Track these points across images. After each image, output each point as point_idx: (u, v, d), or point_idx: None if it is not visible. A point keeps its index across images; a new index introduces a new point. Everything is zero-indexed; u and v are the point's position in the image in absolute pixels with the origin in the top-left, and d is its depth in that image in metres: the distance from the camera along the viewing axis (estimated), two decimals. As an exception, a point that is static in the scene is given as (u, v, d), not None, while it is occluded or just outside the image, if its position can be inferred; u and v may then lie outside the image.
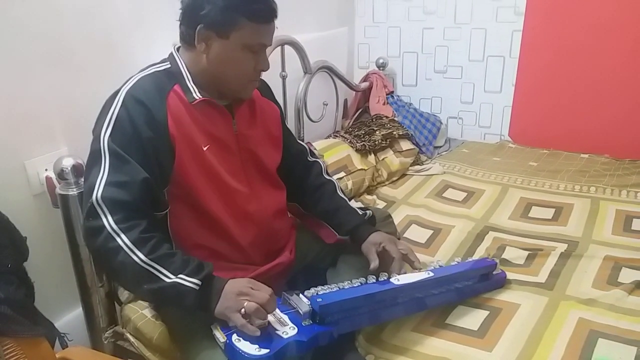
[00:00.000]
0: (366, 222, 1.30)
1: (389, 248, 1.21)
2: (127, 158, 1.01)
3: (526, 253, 1.54)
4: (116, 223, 0.97)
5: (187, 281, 0.96)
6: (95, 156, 1.03)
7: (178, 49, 1.16)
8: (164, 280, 0.96)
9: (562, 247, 1.57)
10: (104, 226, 0.97)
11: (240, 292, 0.98)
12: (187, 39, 1.10)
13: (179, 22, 1.11)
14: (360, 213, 1.32)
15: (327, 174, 1.41)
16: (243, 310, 0.95)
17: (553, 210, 1.84)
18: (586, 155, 2.31)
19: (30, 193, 1.30)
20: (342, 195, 1.36)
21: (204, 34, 1.06)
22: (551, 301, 1.31)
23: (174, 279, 0.96)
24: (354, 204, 1.38)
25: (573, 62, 2.32)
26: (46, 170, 1.28)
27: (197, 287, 0.96)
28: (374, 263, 1.19)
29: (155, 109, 1.05)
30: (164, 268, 0.97)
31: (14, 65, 1.22)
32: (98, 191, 0.99)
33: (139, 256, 0.96)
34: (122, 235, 0.97)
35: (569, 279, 1.40)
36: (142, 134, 1.03)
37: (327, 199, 1.34)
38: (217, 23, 1.04)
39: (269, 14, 1.09)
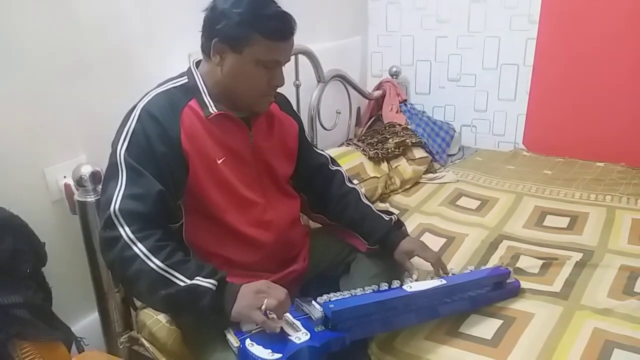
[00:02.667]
0: (394, 229, 1.32)
1: (424, 255, 1.26)
2: (143, 171, 1.03)
3: (541, 262, 1.53)
4: (133, 233, 0.99)
5: (204, 282, 0.98)
6: (112, 169, 1.06)
7: (197, 63, 1.18)
8: (179, 285, 0.97)
9: (577, 256, 1.55)
10: (120, 236, 0.99)
11: (259, 290, 0.99)
12: (205, 50, 1.12)
13: (199, 32, 1.13)
14: (387, 218, 1.33)
15: (350, 181, 1.42)
16: (263, 307, 0.96)
17: (568, 219, 1.82)
18: (602, 164, 2.29)
19: (49, 199, 1.33)
20: (367, 202, 1.37)
21: (219, 47, 1.08)
22: (566, 311, 1.29)
23: (189, 282, 0.98)
24: (380, 207, 1.40)
25: (588, 70, 2.30)
26: (65, 177, 1.31)
27: (213, 288, 0.98)
28: (415, 274, 1.23)
29: (168, 125, 1.07)
30: (179, 273, 0.98)
31: (36, 76, 1.26)
32: (115, 204, 1.01)
33: (155, 262, 0.98)
34: (139, 244, 0.99)
35: (584, 289, 1.38)
36: (156, 148, 1.05)
37: (353, 208, 1.35)
38: (231, 38, 1.06)
39: (285, 32, 1.09)
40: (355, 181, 1.97)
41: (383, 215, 1.34)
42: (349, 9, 2.61)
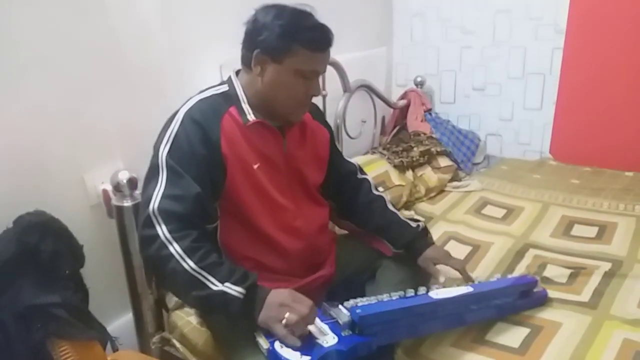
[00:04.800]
0: (420, 236, 1.34)
1: (450, 263, 1.28)
2: (182, 173, 1.07)
3: (568, 271, 1.51)
4: (170, 232, 1.03)
5: (233, 290, 1.00)
6: (153, 170, 1.09)
7: (237, 72, 1.22)
8: (211, 288, 1.00)
9: (605, 266, 1.53)
10: (157, 235, 1.03)
11: (282, 304, 1.01)
12: (246, 61, 1.16)
13: (241, 45, 1.17)
14: (414, 225, 1.35)
15: (377, 189, 1.44)
16: (284, 320, 0.98)
17: (596, 228, 1.79)
18: (631, 173, 2.25)
19: (87, 204, 1.37)
20: (393, 210, 1.40)
21: (260, 58, 1.12)
22: (595, 321, 1.27)
23: (220, 286, 1.00)
24: (405, 214, 1.41)
25: (615, 79, 2.27)
26: (103, 182, 1.35)
27: (241, 296, 1.00)
28: (442, 278, 1.25)
29: (209, 129, 1.11)
30: (211, 276, 1.01)
31: (77, 83, 1.31)
32: (155, 202, 1.05)
33: (189, 264, 1.01)
34: (174, 244, 1.02)
35: (613, 299, 1.36)
36: (197, 151, 1.09)
37: (379, 215, 1.37)
38: (273, 49, 1.10)
39: (324, 43, 1.13)
40: (380, 188, 1.98)
41: (410, 222, 1.36)
42: (374, 21, 2.63)
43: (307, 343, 1.00)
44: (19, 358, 0.99)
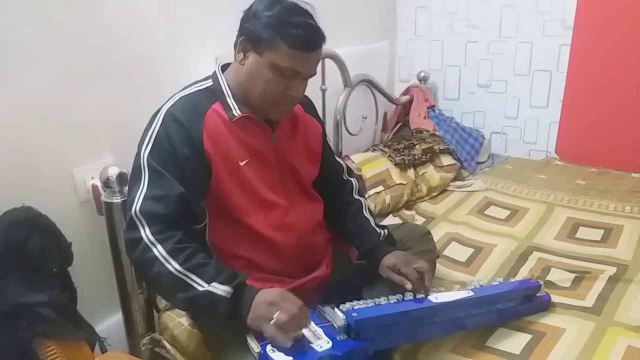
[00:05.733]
0: (381, 244, 1.27)
1: (405, 271, 1.16)
2: (165, 174, 1.05)
3: (572, 275, 1.48)
4: (153, 235, 1.01)
5: (219, 289, 0.98)
6: (136, 172, 1.08)
7: (222, 68, 1.20)
8: (196, 289, 0.98)
9: (611, 270, 1.50)
10: (141, 238, 1.01)
11: (271, 303, 0.98)
12: (235, 48, 1.15)
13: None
14: (377, 232, 1.29)
15: (359, 193, 1.40)
16: (272, 322, 0.96)
17: (602, 231, 1.76)
18: (637, 175, 2.21)
19: (76, 200, 1.35)
20: (367, 216, 1.34)
21: (244, 45, 1.11)
22: (598, 327, 1.25)
23: (206, 287, 0.98)
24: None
25: (623, 78, 2.23)
26: (92, 178, 1.33)
27: (228, 296, 0.98)
28: (409, 285, 1.14)
29: (191, 127, 1.08)
30: (197, 277, 0.99)
31: (66, 77, 1.28)
32: (137, 204, 1.03)
33: (173, 266, 0.99)
34: (158, 246, 1.00)
35: (618, 304, 1.34)
36: (179, 151, 1.06)
37: (351, 219, 1.33)
38: (256, 38, 1.08)
39: (308, 44, 1.08)
40: (380, 187, 1.96)
41: (377, 229, 1.30)
42: (377, 13, 2.59)
43: (300, 347, 0.97)
44: (4, 358, 0.97)
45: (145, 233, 1.01)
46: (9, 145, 1.19)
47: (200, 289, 0.98)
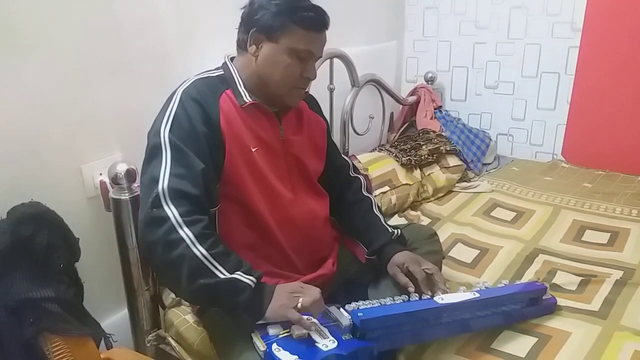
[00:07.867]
0: (393, 242, 1.28)
1: (412, 269, 1.19)
2: (186, 151, 1.06)
3: (579, 279, 1.47)
4: (181, 216, 1.00)
5: (245, 277, 1.00)
6: (155, 150, 1.07)
7: (232, 59, 1.21)
8: (219, 277, 0.99)
9: (617, 274, 1.49)
10: (168, 217, 1.00)
11: (293, 290, 1.03)
12: (242, 44, 1.17)
13: (237, 30, 1.17)
14: (390, 231, 1.30)
15: (367, 190, 1.40)
16: (299, 305, 0.99)
17: (608, 234, 1.75)
18: (644, 178, 2.20)
19: (84, 196, 1.35)
20: (377, 213, 1.35)
21: (256, 37, 1.13)
22: (604, 331, 1.24)
23: (229, 275, 0.99)
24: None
25: (631, 81, 2.22)
26: (101, 174, 1.33)
27: (252, 285, 1.00)
28: (411, 287, 1.17)
29: (209, 107, 1.10)
30: (220, 265, 1.00)
31: (74, 74, 1.28)
32: (164, 181, 1.03)
33: (200, 250, 0.99)
34: (186, 229, 1.00)
35: (625, 308, 1.33)
36: (198, 129, 1.08)
37: (360, 216, 1.34)
38: (268, 27, 1.11)
39: (318, 23, 1.14)
40: (386, 187, 1.95)
41: (388, 228, 1.31)
42: (385, 13, 2.59)
43: (306, 346, 0.98)
44: (10, 353, 0.97)
45: (173, 213, 1.00)
46: (18, 139, 1.19)
47: (223, 276, 0.99)
